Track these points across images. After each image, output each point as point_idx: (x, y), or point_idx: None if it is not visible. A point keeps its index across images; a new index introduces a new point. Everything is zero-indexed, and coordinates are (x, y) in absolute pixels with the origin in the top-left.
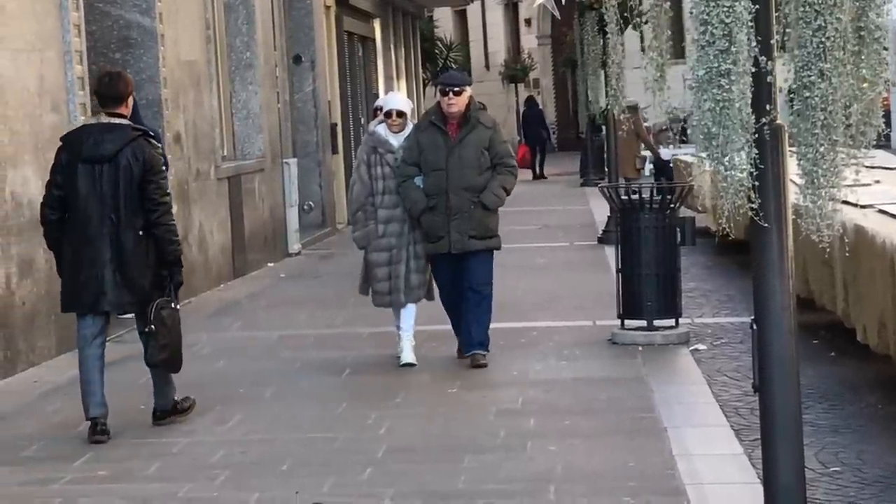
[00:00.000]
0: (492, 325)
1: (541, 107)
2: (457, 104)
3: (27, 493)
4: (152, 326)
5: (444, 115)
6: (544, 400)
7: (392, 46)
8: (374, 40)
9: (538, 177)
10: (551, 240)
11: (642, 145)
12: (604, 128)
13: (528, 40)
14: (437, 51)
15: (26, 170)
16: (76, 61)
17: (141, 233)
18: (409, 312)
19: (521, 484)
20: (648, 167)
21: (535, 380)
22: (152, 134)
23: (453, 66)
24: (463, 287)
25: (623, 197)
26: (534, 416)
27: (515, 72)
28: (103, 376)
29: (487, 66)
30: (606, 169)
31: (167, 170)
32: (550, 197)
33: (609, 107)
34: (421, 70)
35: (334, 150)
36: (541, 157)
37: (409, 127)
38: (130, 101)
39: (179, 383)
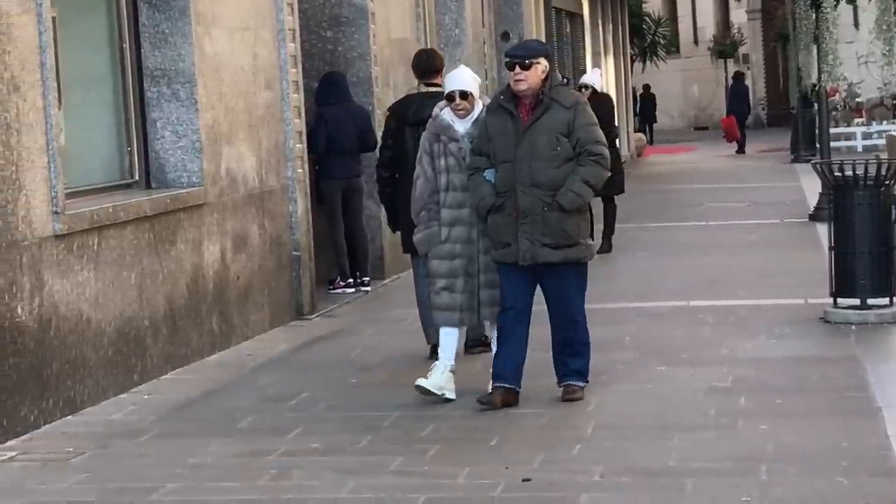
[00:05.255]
0: (701, 303)
1: (747, 83)
2: (526, 81)
3: (242, 464)
4: None
5: (515, 94)
6: (755, 378)
7: (600, 22)
8: (581, 16)
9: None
10: (761, 217)
11: None
12: (815, 104)
13: (738, 15)
14: (644, 26)
15: (241, 147)
16: (289, 39)
17: None
18: (452, 335)
19: (731, 463)
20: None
21: (745, 358)
22: None
23: (661, 41)
24: (549, 312)
25: (836, 173)
26: (744, 394)
27: (724, 47)
28: None
29: (696, 42)
30: (818, 145)
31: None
32: (760, 174)
33: (822, 82)
34: (629, 46)
35: None
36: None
37: (478, 109)
38: (443, 72)
39: (386, 349)
